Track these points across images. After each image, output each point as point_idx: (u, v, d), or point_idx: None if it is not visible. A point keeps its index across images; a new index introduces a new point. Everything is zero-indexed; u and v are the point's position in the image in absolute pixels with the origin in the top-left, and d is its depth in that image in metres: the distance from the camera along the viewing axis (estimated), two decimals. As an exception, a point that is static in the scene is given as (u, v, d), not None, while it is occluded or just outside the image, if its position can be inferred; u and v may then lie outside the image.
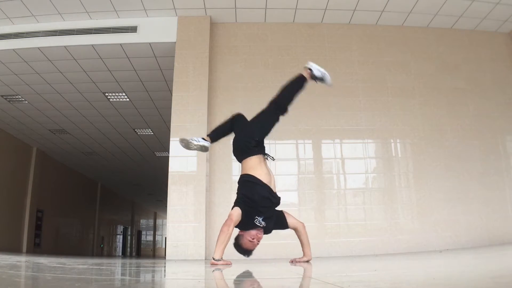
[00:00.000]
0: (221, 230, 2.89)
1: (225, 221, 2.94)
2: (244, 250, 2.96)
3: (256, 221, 2.95)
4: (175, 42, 5.67)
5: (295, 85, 3.37)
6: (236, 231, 3.08)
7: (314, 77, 3.36)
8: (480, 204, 5.45)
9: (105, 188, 16.48)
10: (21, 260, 3.95)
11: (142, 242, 23.69)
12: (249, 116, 3.62)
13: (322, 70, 3.36)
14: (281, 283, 1.80)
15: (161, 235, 27.12)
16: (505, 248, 4.16)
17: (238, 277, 2.23)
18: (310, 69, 3.35)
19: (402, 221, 5.30)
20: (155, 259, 9.73)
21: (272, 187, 3.11)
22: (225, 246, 2.86)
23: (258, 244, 2.97)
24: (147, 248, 24.70)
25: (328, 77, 3.38)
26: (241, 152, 3.20)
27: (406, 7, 5.72)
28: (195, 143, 3.26)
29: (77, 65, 6.30)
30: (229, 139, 5.46)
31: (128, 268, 3.23)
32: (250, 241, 2.92)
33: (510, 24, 6.14)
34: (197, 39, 5.66)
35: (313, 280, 1.88)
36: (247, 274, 2.41)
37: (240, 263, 3.33)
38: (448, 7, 5.69)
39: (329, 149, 5.56)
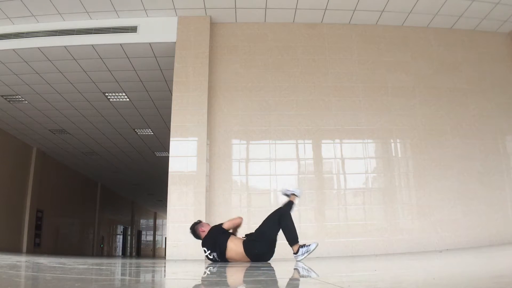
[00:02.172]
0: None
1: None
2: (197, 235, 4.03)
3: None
4: (175, 42, 5.66)
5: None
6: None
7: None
8: (480, 204, 5.45)
9: (105, 188, 16.48)
10: (21, 260, 3.95)
11: (142, 242, 23.68)
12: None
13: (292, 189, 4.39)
14: (281, 283, 1.80)
15: (161, 235, 27.11)
16: (505, 248, 4.16)
17: (237, 277, 2.23)
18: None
19: (402, 221, 5.31)
20: (155, 259, 9.72)
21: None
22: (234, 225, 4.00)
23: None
24: (147, 248, 24.68)
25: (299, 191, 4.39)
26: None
27: (406, 7, 5.72)
28: None
29: (77, 65, 6.30)
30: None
31: (128, 268, 3.23)
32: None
33: (510, 24, 6.14)
34: (197, 39, 5.66)
35: (313, 280, 1.88)
36: (247, 274, 2.41)
37: (244, 262, 3.32)
38: (448, 7, 5.69)
39: (329, 149, 5.56)
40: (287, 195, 4.33)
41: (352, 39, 6.00)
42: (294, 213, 5.11)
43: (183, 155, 5.23)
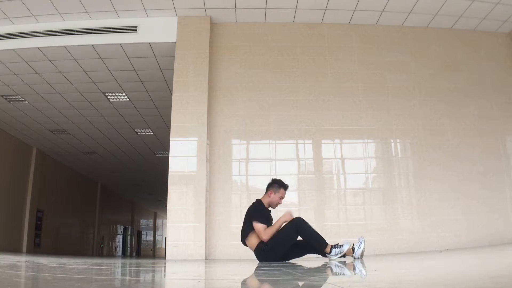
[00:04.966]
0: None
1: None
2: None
3: None
4: (175, 42, 5.66)
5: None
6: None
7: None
8: (480, 204, 5.45)
9: (105, 188, 16.48)
10: (21, 260, 3.95)
11: (142, 242, 23.68)
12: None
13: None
14: (281, 283, 1.80)
15: (161, 235, 27.11)
16: (505, 248, 4.16)
17: (237, 277, 2.23)
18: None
19: (402, 221, 5.30)
20: (155, 259, 9.72)
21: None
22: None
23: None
24: (147, 248, 24.68)
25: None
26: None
27: (406, 7, 5.72)
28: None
29: (77, 65, 6.30)
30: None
31: (128, 268, 3.23)
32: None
33: (510, 24, 6.13)
34: (197, 39, 5.66)
35: (313, 280, 1.88)
36: (246, 274, 2.41)
37: (244, 263, 3.32)
38: (448, 7, 5.69)
39: (329, 149, 5.56)
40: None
41: (352, 39, 6.00)
42: (294, 213, 5.13)
43: (183, 155, 5.23)
